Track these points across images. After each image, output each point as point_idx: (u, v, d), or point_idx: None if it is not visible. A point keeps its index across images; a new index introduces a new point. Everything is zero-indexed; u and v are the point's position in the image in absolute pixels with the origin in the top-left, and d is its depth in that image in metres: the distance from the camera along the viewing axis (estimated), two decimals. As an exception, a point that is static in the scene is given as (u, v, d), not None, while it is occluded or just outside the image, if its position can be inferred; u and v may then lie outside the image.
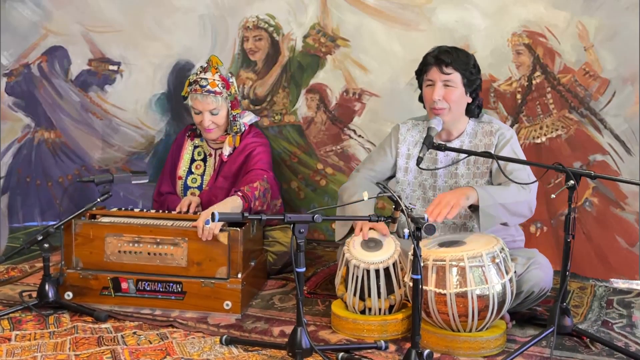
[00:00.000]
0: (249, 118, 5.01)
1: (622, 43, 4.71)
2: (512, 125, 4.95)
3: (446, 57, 4.03)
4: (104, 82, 5.71)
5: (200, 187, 4.96)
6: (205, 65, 4.81)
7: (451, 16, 5.07)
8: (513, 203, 3.90)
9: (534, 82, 4.92)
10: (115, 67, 5.69)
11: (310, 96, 5.45)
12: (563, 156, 4.85)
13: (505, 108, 5.00)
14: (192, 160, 5.03)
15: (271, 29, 5.46)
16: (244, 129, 4.93)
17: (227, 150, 4.88)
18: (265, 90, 5.54)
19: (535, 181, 3.95)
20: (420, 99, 4.26)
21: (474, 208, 3.89)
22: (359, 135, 5.37)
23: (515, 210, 3.94)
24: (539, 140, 4.94)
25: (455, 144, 4.20)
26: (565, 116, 4.87)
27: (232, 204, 4.32)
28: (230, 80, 4.84)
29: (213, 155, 4.99)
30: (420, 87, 4.22)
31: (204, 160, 5.02)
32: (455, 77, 4.05)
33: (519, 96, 4.96)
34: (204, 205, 4.74)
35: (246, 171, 4.78)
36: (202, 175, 4.99)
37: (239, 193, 4.39)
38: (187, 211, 4.66)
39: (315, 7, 5.35)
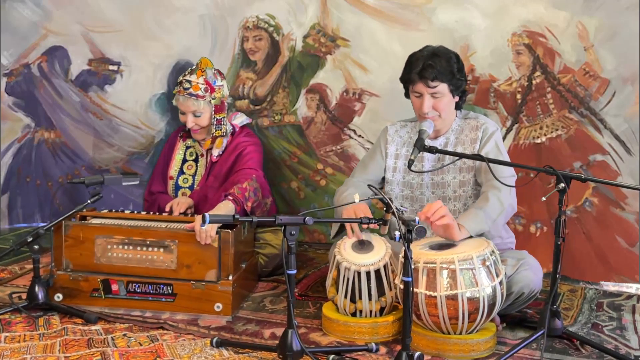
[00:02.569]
0: (240, 120, 5.03)
1: (622, 43, 4.68)
2: (512, 125, 4.95)
3: (430, 72, 4.01)
4: (104, 82, 5.72)
5: (191, 187, 4.96)
6: (194, 66, 4.84)
7: (451, 16, 5.05)
8: (500, 216, 3.95)
9: (534, 82, 4.89)
10: (115, 67, 5.70)
11: (310, 96, 5.44)
12: (563, 156, 4.84)
13: (505, 108, 4.97)
14: (184, 161, 5.03)
15: (271, 29, 5.45)
16: (230, 130, 4.92)
17: (215, 152, 4.89)
18: (265, 90, 5.52)
19: (514, 180, 4.02)
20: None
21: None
22: (359, 135, 5.35)
23: (502, 220, 4.02)
24: (539, 140, 4.91)
25: (440, 140, 4.22)
26: (565, 116, 4.83)
27: (225, 209, 4.33)
28: (218, 84, 4.84)
29: (205, 156, 4.99)
30: (406, 89, 4.20)
31: (196, 160, 5.02)
32: (442, 88, 4.05)
33: (519, 96, 4.94)
34: (195, 204, 4.74)
35: (236, 170, 4.78)
36: (194, 176, 4.99)
37: (229, 197, 4.40)
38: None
39: (315, 7, 5.34)
